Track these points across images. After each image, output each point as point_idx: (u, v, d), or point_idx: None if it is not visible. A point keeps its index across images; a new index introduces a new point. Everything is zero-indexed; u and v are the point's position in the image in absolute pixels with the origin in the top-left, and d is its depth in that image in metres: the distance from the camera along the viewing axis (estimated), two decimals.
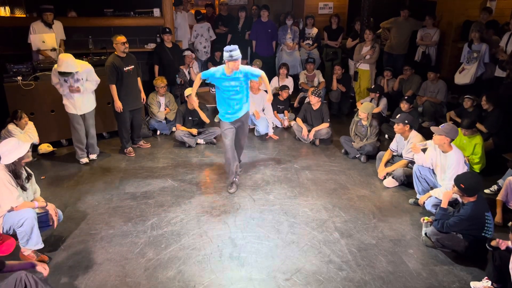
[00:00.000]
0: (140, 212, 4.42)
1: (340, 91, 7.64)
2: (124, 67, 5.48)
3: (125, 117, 5.72)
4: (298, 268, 3.57)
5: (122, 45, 5.42)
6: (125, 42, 5.45)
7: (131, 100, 5.70)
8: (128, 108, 5.69)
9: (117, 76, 5.45)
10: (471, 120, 5.14)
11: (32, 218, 3.47)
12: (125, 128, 5.81)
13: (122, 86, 5.53)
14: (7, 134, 5.17)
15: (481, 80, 6.89)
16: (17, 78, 5.54)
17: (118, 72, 5.44)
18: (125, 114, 5.68)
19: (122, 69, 5.46)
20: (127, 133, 5.89)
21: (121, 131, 5.83)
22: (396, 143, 5.22)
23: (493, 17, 7.37)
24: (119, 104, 5.53)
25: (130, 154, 5.87)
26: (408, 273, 3.54)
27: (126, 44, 5.48)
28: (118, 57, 5.47)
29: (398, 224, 4.27)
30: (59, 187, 4.98)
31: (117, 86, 5.49)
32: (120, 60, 5.47)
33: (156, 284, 3.37)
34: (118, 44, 5.42)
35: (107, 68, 5.42)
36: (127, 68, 5.52)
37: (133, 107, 5.77)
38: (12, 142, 3.51)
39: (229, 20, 8.79)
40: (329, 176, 5.30)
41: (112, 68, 5.39)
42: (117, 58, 5.46)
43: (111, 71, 5.40)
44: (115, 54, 5.49)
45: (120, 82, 5.50)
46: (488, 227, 3.59)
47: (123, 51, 5.46)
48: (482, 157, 5.12)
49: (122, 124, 5.77)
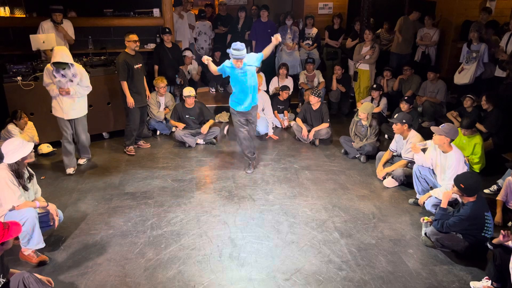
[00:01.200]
0: (140, 212, 4.42)
1: (339, 91, 7.64)
2: (134, 65, 5.57)
3: (136, 114, 5.80)
4: (298, 268, 3.57)
5: (133, 43, 5.52)
6: (136, 41, 5.55)
7: (140, 97, 5.78)
8: (138, 105, 5.75)
9: (128, 73, 5.52)
10: (470, 120, 5.14)
11: (34, 218, 3.47)
12: (135, 125, 5.85)
13: (132, 83, 5.62)
14: (7, 134, 5.17)
15: (481, 80, 6.89)
16: (17, 78, 5.54)
17: (129, 69, 5.52)
18: (136, 111, 5.76)
19: (133, 66, 5.55)
20: (136, 130, 5.92)
21: (130, 128, 5.85)
22: (396, 143, 5.22)
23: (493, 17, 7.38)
24: (131, 100, 5.60)
25: (131, 153, 5.88)
26: (408, 273, 3.54)
27: (138, 43, 5.59)
28: (128, 54, 5.56)
29: (397, 224, 4.27)
30: (59, 187, 4.98)
31: (128, 83, 5.56)
32: (131, 57, 5.56)
33: (156, 284, 3.37)
34: (130, 42, 5.52)
35: (119, 65, 5.49)
36: (136, 66, 5.61)
37: (141, 104, 5.84)
38: (16, 142, 3.52)
39: (228, 20, 8.81)
40: (328, 176, 5.31)
41: (124, 65, 5.47)
42: (128, 55, 5.55)
43: (123, 67, 5.48)
44: (126, 52, 5.57)
45: (130, 79, 5.59)
46: (488, 227, 3.59)
47: (133, 49, 5.56)
48: (481, 157, 5.12)
49: (133, 121, 5.80)
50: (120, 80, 5.56)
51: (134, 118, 5.79)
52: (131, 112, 5.75)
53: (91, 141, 5.67)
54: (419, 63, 7.94)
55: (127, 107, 5.70)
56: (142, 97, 5.88)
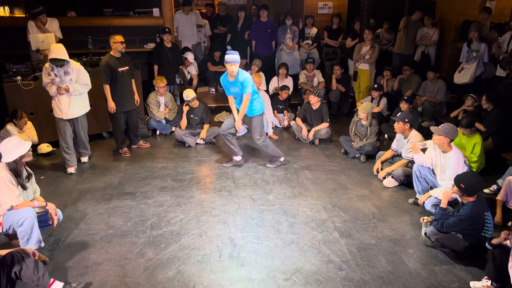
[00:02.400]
0: (139, 212, 4.42)
1: (339, 91, 7.64)
2: (119, 67, 5.45)
3: (119, 118, 5.68)
4: (298, 268, 3.57)
5: (120, 44, 5.40)
6: (123, 42, 5.43)
7: (125, 101, 5.65)
8: (122, 109, 5.64)
9: (111, 76, 5.41)
10: (469, 119, 5.14)
11: (32, 217, 3.47)
12: (120, 129, 5.77)
13: (116, 86, 5.49)
14: (6, 134, 5.16)
15: (481, 79, 6.89)
16: (17, 78, 5.54)
17: (113, 72, 5.40)
18: (119, 115, 5.65)
19: (116, 69, 5.42)
20: (122, 134, 5.84)
21: (116, 132, 5.80)
22: (397, 142, 5.22)
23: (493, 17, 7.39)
24: (112, 105, 5.50)
25: (126, 155, 5.85)
26: (408, 273, 3.54)
27: (124, 44, 5.46)
28: (113, 57, 5.45)
29: (397, 224, 4.27)
30: (59, 187, 4.98)
31: (111, 86, 5.45)
32: (116, 60, 5.44)
33: (156, 284, 3.37)
34: (117, 43, 5.40)
35: (101, 67, 5.38)
36: (121, 69, 5.48)
37: (127, 108, 5.71)
38: (14, 140, 3.52)
39: (227, 20, 8.81)
40: (328, 176, 5.30)
41: (106, 68, 5.35)
42: (112, 58, 5.44)
43: (106, 70, 5.36)
44: (111, 54, 5.47)
45: (114, 83, 5.46)
46: (488, 227, 3.59)
47: (120, 51, 5.44)
48: (481, 156, 5.11)
49: (116, 126, 5.73)
50: (102, 83, 5.40)
51: (117, 122, 5.69)
52: (114, 117, 5.63)
53: (91, 141, 5.66)
54: (418, 62, 7.94)
55: (108, 112, 5.60)
56: (128, 101, 5.70)
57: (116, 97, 5.53)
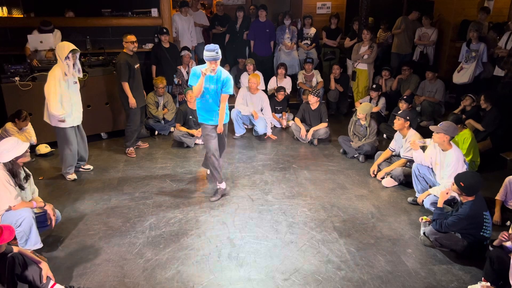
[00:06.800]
0: (138, 213, 4.41)
1: (338, 91, 7.64)
2: (134, 65, 5.56)
3: (138, 114, 5.76)
4: (297, 268, 3.57)
5: (131, 44, 5.50)
6: (134, 41, 5.53)
7: (140, 97, 5.76)
8: (139, 105, 5.73)
9: (129, 73, 5.49)
10: (456, 116, 5.13)
11: (30, 218, 3.46)
12: (136, 125, 5.81)
13: (133, 83, 5.59)
14: (5, 133, 5.15)
15: (479, 79, 6.90)
16: (15, 79, 5.53)
17: (130, 69, 5.49)
18: (138, 111, 5.73)
19: (133, 66, 5.53)
20: (137, 131, 5.90)
21: (131, 129, 5.81)
22: (395, 142, 5.22)
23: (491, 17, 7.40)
24: (134, 101, 5.57)
25: (131, 155, 5.85)
26: (407, 273, 3.54)
27: (136, 43, 5.56)
28: (128, 55, 5.54)
29: (396, 223, 4.27)
30: (57, 187, 4.97)
31: (130, 83, 5.53)
32: (130, 57, 5.55)
33: (155, 285, 3.36)
34: (128, 43, 5.49)
35: (120, 66, 5.43)
36: (136, 66, 5.61)
37: (141, 104, 5.82)
38: (11, 141, 3.51)
39: (225, 20, 8.80)
40: (327, 176, 5.30)
41: (125, 66, 5.43)
42: (128, 56, 5.53)
43: (125, 68, 5.43)
44: (125, 52, 5.54)
45: (132, 80, 5.55)
46: (487, 227, 3.59)
47: (131, 50, 5.54)
48: (470, 149, 5.05)
49: (134, 122, 5.76)
50: (121, 81, 5.47)
51: (136, 119, 5.75)
52: (133, 113, 5.70)
53: (90, 141, 5.64)
54: (417, 62, 7.95)
55: (128, 108, 5.65)
56: (142, 97, 5.87)
57: (134, 93, 5.59)
